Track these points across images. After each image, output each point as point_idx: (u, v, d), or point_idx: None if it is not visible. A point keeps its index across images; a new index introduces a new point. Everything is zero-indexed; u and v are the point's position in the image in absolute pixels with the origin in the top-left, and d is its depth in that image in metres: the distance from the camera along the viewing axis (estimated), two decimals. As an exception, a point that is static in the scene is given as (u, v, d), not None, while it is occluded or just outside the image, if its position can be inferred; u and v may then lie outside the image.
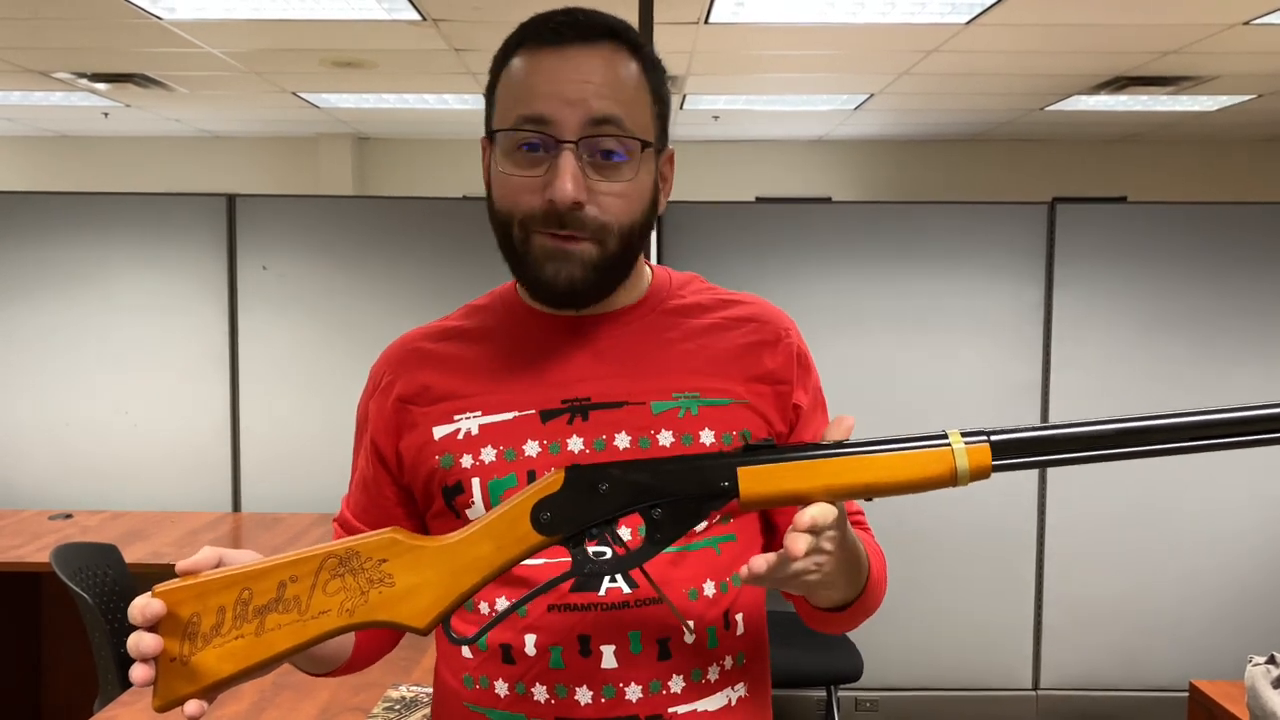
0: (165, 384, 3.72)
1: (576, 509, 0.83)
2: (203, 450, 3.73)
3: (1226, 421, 0.83)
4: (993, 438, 0.82)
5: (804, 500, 0.83)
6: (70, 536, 3.15)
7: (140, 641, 0.78)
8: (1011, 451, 0.82)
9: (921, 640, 3.62)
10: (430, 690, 2.10)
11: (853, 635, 3.13)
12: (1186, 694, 2.55)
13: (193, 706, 0.79)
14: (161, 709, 0.79)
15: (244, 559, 0.83)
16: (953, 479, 0.83)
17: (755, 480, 0.82)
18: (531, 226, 0.96)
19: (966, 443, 0.82)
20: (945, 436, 0.83)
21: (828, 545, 0.85)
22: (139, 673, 0.78)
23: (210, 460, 3.73)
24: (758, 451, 0.84)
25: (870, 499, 0.85)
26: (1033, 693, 3.66)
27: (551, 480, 0.83)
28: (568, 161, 0.93)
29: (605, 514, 0.83)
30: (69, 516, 3.52)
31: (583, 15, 0.98)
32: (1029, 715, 3.66)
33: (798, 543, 0.80)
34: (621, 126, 0.95)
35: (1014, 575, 3.64)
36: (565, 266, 0.96)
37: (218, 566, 0.82)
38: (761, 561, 0.83)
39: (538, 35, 0.98)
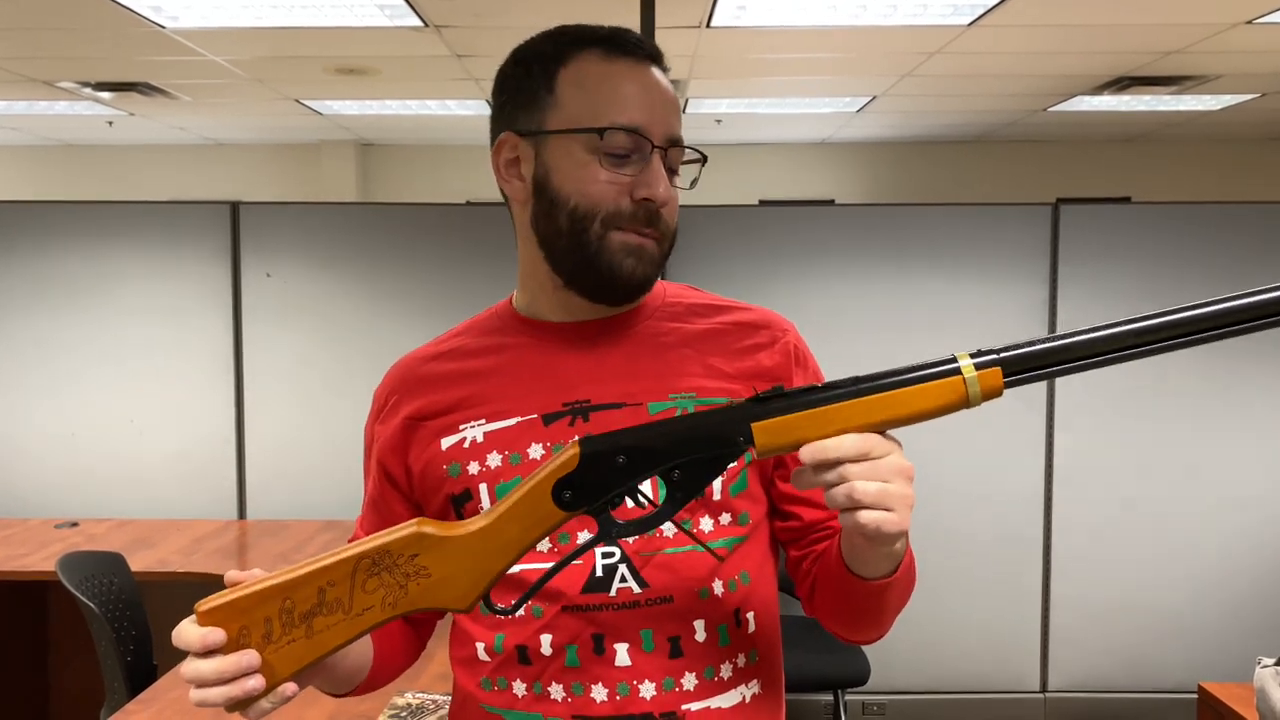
0: (170, 391, 3.72)
1: (596, 483, 0.85)
2: (208, 457, 3.73)
3: (1239, 308, 0.83)
4: (1002, 355, 0.83)
5: None
6: (76, 545, 3.15)
7: (240, 661, 0.81)
8: (1021, 367, 0.83)
9: (928, 643, 3.61)
10: (436, 697, 2.10)
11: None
12: (1195, 696, 2.54)
13: (290, 688, 0.83)
14: (234, 709, 0.83)
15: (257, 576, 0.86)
16: (965, 402, 0.84)
17: (770, 434, 0.84)
18: (615, 224, 0.99)
19: (976, 365, 0.83)
20: (954, 361, 0.84)
21: (888, 476, 0.83)
22: (257, 683, 0.81)
23: (216, 467, 3.73)
24: (768, 401, 0.85)
25: (883, 434, 0.85)
26: (1040, 695, 3.65)
27: (568, 459, 0.85)
28: (659, 165, 1.00)
29: (625, 483, 0.85)
30: (75, 525, 3.52)
31: (636, 37, 1.03)
32: (1037, 717, 3.65)
33: (807, 478, 0.84)
34: (685, 145, 1.03)
35: (1021, 578, 3.63)
36: (641, 263, 1.00)
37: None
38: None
39: (602, 45, 1.01)
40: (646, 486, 0.93)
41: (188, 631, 0.82)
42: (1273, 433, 3.57)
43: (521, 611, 1.00)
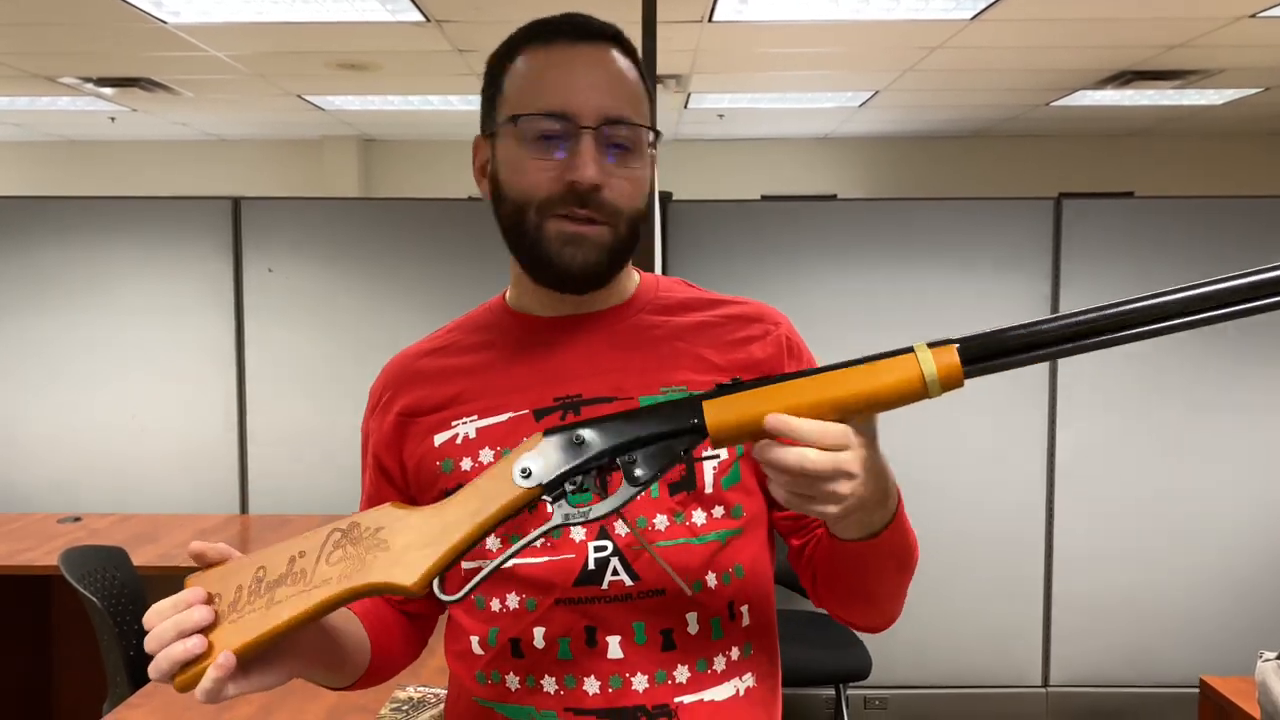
0: (172, 387, 3.73)
1: (556, 462, 0.86)
2: (210, 452, 3.73)
3: (1211, 294, 0.81)
4: (959, 338, 0.82)
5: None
6: (79, 539, 3.16)
7: (191, 615, 0.82)
8: (981, 353, 0.81)
9: (931, 638, 3.62)
10: (437, 691, 2.10)
11: (860, 633, 3.12)
12: (1197, 690, 2.55)
13: (228, 657, 0.81)
14: (183, 687, 0.82)
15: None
16: (924, 388, 0.81)
17: (720, 411, 0.84)
18: (549, 210, 0.98)
19: (933, 349, 0.81)
20: (911, 348, 0.82)
21: (851, 467, 0.81)
22: (196, 643, 0.81)
23: (218, 462, 3.73)
24: (724, 388, 0.85)
25: (843, 420, 0.83)
26: (1043, 690, 3.65)
27: (531, 441, 0.87)
28: (588, 145, 0.97)
29: (583, 464, 0.86)
30: (78, 519, 3.53)
31: (582, 19, 1.02)
32: (1039, 712, 3.65)
33: (769, 451, 0.81)
34: (630, 121, 0.99)
35: (1023, 572, 3.63)
36: (581, 250, 0.98)
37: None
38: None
39: (544, 35, 1.01)
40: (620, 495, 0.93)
41: (163, 601, 0.83)
42: (1273, 427, 3.57)
43: (516, 604, 1.00)
